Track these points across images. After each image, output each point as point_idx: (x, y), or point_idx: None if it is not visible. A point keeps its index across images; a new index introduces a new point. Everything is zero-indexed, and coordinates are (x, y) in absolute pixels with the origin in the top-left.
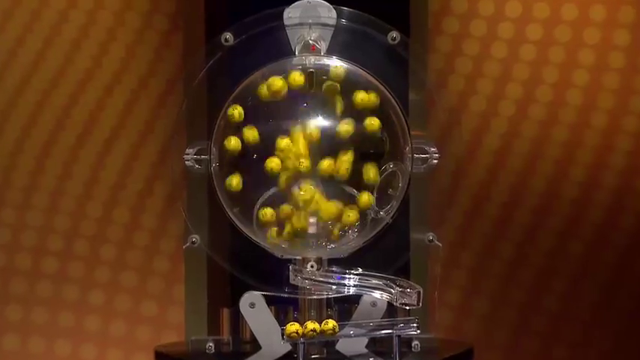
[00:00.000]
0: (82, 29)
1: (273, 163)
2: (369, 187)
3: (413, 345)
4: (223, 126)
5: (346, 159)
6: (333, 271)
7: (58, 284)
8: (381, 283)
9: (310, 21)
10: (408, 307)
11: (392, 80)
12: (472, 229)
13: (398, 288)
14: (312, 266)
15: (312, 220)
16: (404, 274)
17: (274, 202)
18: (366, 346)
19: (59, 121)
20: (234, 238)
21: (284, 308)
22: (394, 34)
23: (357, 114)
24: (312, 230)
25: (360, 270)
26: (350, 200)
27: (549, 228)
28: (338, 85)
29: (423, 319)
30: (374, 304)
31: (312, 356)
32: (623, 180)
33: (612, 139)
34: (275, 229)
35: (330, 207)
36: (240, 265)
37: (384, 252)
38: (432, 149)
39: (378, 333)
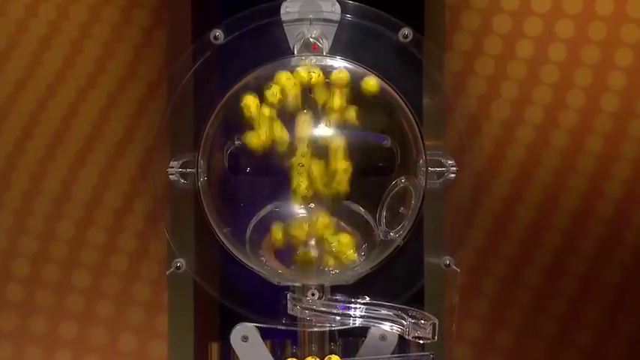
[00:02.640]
0: (53, 25)
1: None
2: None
3: None
4: (212, 135)
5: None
6: (336, 300)
7: (24, 314)
8: (391, 313)
9: (311, 16)
10: (421, 341)
11: (403, 83)
12: (495, 253)
13: (410, 319)
14: (312, 294)
15: (312, 242)
16: (417, 304)
17: (270, 222)
18: None
19: (25, 129)
20: (225, 263)
21: (281, 342)
22: (406, 31)
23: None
24: (312, 254)
25: (368, 299)
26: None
27: (582, 251)
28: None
29: (439, 354)
30: (383, 337)
31: None
32: None
33: None
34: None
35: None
36: (231, 293)
37: (395, 278)
38: (449, 162)
39: None
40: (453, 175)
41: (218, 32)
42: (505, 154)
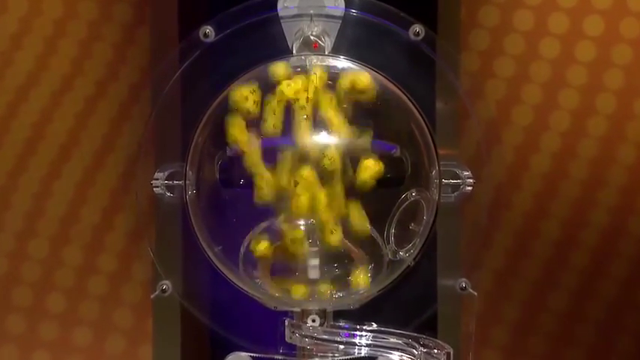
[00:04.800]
0: (24, 22)
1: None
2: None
3: None
4: (201, 144)
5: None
6: (340, 327)
7: None
8: (400, 342)
9: (312, 11)
10: None
11: (415, 85)
12: (515, 275)
13: (422, 348)
14: (313, 320)
15: (313, 262)
16: (430, 331)
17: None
18: None
19: None
20: (215, 286)
21: None
22: (417, 28)
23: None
24: (313, 275)
25: (375, 325)
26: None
27: (613, 273)
28: None
29: None
30: None
31: None
32: None
33: None
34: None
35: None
36: (223, 318)
37: (405, 303)
38: (465, 173)
39: None
40: (469, 188)
41: (208, 29)
42: (527, 164)
